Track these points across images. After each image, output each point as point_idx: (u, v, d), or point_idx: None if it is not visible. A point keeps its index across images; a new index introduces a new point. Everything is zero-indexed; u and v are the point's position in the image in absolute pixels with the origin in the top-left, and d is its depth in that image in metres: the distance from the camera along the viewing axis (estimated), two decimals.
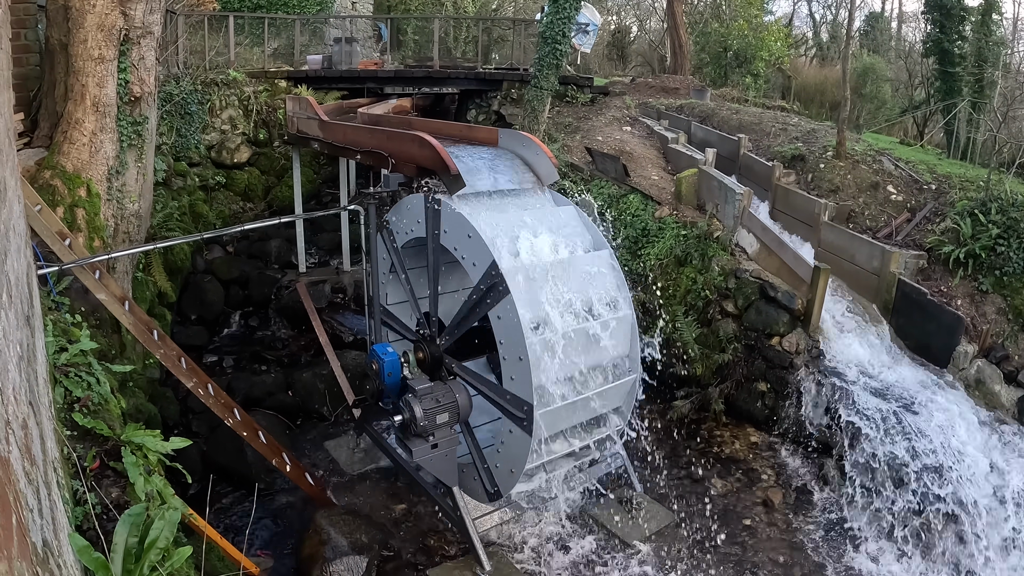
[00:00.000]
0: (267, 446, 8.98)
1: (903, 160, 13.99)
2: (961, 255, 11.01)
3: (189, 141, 16.26)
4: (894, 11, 42.32)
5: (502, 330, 7.90)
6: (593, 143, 16.32)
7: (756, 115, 17.53)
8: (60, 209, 9.46)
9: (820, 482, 10.13)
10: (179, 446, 5.76)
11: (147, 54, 10.51)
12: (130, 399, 8.82)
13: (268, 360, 13.40)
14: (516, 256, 8.11)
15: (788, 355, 10.83)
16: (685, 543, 9.04)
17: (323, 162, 19.32)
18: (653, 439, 10.83)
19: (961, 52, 19.11)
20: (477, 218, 8.19)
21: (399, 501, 9.71)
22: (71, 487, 4.73)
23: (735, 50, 26.54)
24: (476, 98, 21.59)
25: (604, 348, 8.40)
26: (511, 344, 7.80)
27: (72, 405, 5.93)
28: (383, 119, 13.60)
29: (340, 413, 11.63)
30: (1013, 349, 10.29)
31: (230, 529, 8.94)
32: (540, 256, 8.23)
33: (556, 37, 16.89)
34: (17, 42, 10.62)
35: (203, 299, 14.39)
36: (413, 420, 7.90)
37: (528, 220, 8.61)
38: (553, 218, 8.91)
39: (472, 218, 8.14)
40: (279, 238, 16.66)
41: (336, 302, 15.02)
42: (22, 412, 3.08)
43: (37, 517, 2.81)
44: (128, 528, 4.12)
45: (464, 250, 8.26)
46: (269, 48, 20.59)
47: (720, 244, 12.26)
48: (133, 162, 10.77)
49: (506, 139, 9.87)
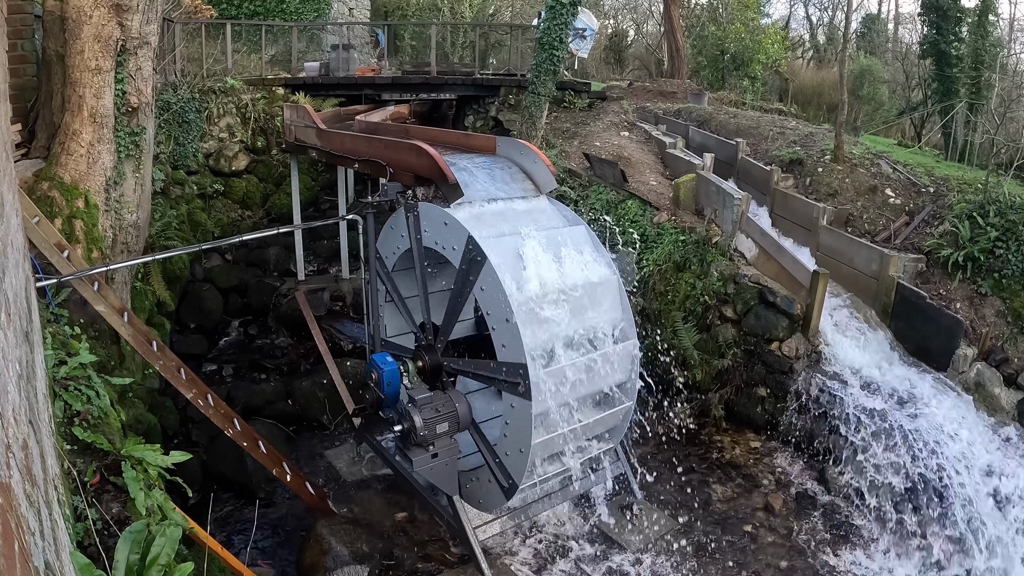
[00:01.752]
0: (267, 456, 8.96)
1: (901, 163, 14.01)
2: (960, 258, 11.02)
3: (187, 149, 16.26)
4: (890, 13, 42.46)
5: (487, 300, 7.92)
6: (591, 149, 16.33)
7: (754, 119, 17.55)
8: (58, 220, 9.45)
9: (821, 487, 10.12)
10: (179, 460, 5.75)
11: (144, 64, 10.50)
12: (130, 410, 8.81)
13: (267, 369, 13.37)
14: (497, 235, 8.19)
15: (788, 360, 10.83)
16: (686, 549, 9.03)
17: (321, 169, 19.34)
18: (653, 445, 10.83)
19: (958, 53, 19.16)
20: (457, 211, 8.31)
21: (400, 509, 9.69)
22: (71, 503, 4.72)
23: (732, 53, 26.60)
24: (474, 104, 21.60)
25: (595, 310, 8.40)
26: (497, 309, 7.80)
27: (72, 419, 5.92)
28: (380, 127, 13.62)
29: (340, 422, 11.61)
30: (1013, 352, 10.29)
31: (231, 539, 8.94)
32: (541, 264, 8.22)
33: (553, 43, 16.89)
34: (14, 53, 10.62)
35: (202, 308, 14.38)
36: (413, 430, 7.89)
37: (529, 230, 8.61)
38: (545, 221, 8.93)
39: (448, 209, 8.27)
40: (278, 246, 16.66)
41: (335, 310, 15.01)
42: (22, 433, 3.08)
43: (39, 540, 2.80)
44: (129, 545, 4.10)
45: (443, 240, 8.36)
46: (266, 55, 20.59)
47: (719, 249, 12.27)
48: (131, 172, 10.76)
49: (504, 147, 9.88)
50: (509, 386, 7.88)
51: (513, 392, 7.85)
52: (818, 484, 10.19)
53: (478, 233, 7.99)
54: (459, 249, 8.10)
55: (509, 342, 7.75)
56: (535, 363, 7.69)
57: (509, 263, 7.91)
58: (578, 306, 8.24)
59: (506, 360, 7.84)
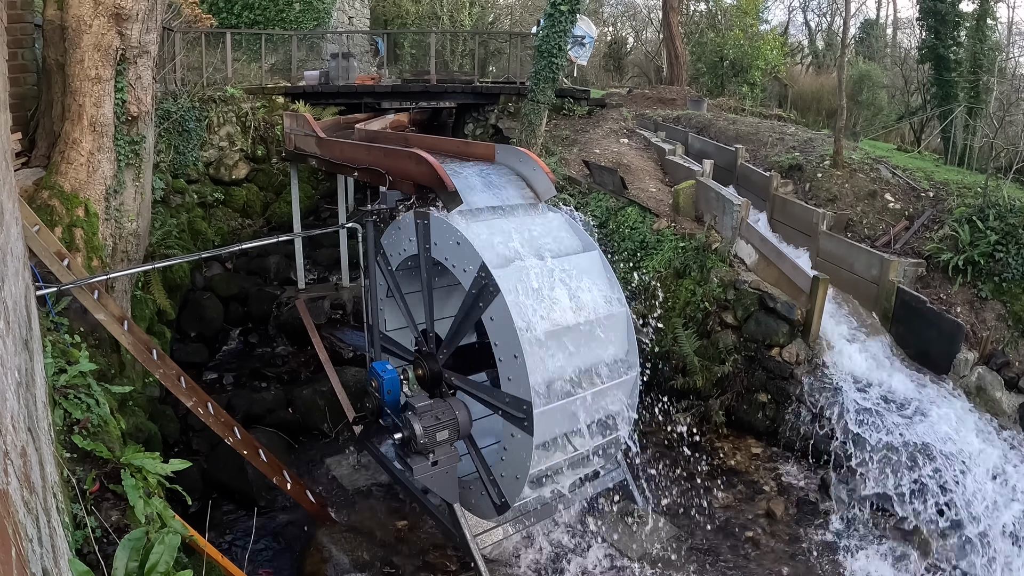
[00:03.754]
0: (268, 464, 8.95)
1: (900, 168, 14.03)
2: (960, 262, 11.02)
3: (187, 158, 16.30)
4: (889, 18, 42.54)
5: (496, 331, 7.85)
6: (591, 156, 16.36)
7: (753, 125, 17.58)
8: (58, 229, 9.46)
9: (822, 492, 10.10)
10: (179, 468, 5.74)
11: (144, 73, 10.53)
12: (130, 418, 8.81)
13: (268, 377, 13.36)
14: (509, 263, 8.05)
15: (788, 365, 10.83)
16: (688, 556, 9.00)
17: (321, 177, 19.36)
18: (654, 452, 10.82)
19: (956, 57, 19.21)
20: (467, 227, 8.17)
21: (400, 517, 9.67)
22: (71, 510, 4.72)
23: (731, 60, 26.69)
24: (473, 112, 21.65)
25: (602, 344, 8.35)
26: (505, 343, 7.74)
27: (72, 427, 5.92)
28: (380, 135, 13.64)
29: (340, 430, 11.60)
30: (1013, 355, 10.28)
31: (231, 547, 8.92)
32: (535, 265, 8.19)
33: (552, 51, 16.94)
34: (14, 62, 10.65)
35: (202, 316, 14.39)
36: (413, 437, 7.88)
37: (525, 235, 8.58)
38: (543, 227, 8.91)
39: (461, 226, 8.13)
40: (278, 254, 16.68)
41: (335, 318, 15.00)
42: (20, 440, 3.08)
43: (37, 547, 2.80)
44: (128, 553, 4.10)
45: (454, 258, 8.25)
46: (266, 64, 20.65)
47: (719, 255, 12.28)
48: (131, 181, 10.78)
49: (503, 155, 9.88)
50: (512, 418, 7.89)
51: (514, 423, 7.87)
52: (820, 490, 10.16)
53: (491, 258, 7.88)
54: (470, 272, 7.98)
55: (515, 377, 7.72)
56: (540, 399, 7.68)
57: (522, 298, 7.81)
58: (588, 341, 8.22)
59: (511, 393, 7.83)
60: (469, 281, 8.03)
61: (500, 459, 8.25)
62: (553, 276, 8.19)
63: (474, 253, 7.90)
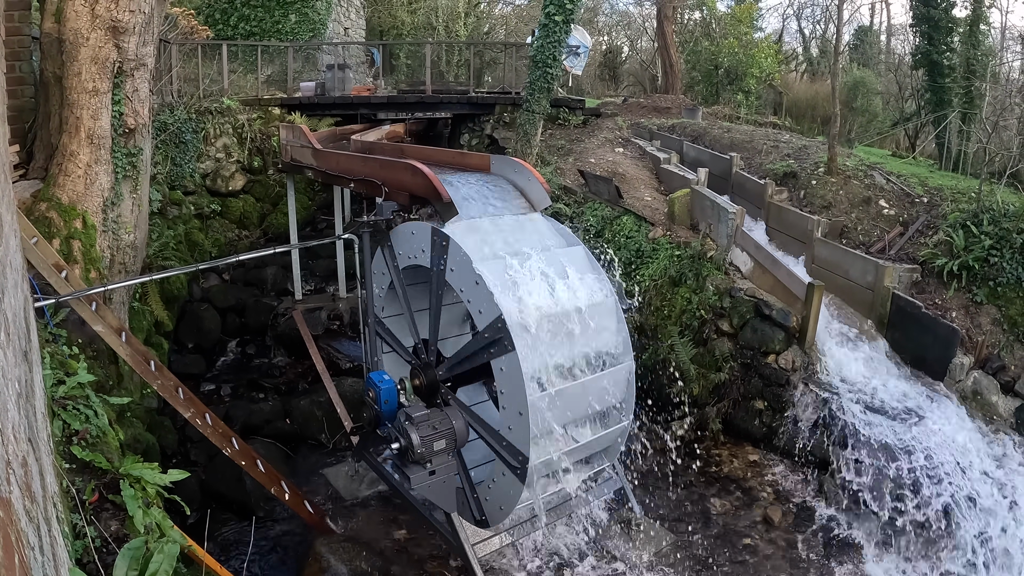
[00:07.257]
0: (266, 474, 8.96)
1: (895, 174, 14.10)
2: (955, 267, 11.07)
3: (184, 170, 16.35)
4: (883, 24, 42.74)
5: (504, 381, 7.80)
6: (586, 165, 16.42)
7: (748, 133, 17.66)
8: (56, 241, 9.49)
9: (820, 498, 10.12)
10: (177, 478, 5.76)
11: (141, 86, 10.58)
12: (128, 429, 8.82)
13: (265, 388, 13.37)
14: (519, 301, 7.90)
15: (784, 372, 10.86)
16: (686, 564, 9.02)
17: (318, 188, 19.42)
18: (651, 460, 10.83)
19: (950, 63, 19.29)
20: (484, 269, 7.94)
21: (399, 527, 9.67)
22: (70, 521, 4.73)
23: (726, 68, 26.78)
24: (469, 122, 21.72)
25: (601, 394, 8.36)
26: (512, 397, 7.70)
27: (71, 438, 5.94)
28: (376, 146, 13.70)
29: (338, 440, 11.61)
30: (1009, 359, 10.32)
31: (230, 558, 8.91)
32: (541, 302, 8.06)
33: (547, 61, 17.02)
34: (12, 74, 10.70)
35: (200, 327, 14.41)
36: (410, 447, 7.89)
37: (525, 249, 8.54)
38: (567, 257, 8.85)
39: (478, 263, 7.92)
40: (275, 265, 16.71)
41: (333, 329, 15.03)
42: (21, 450, 3.10)
43: (38, 555, 2.82)
44: (127, 562, 4.12)
45: (470, 294, 8.05)
46: (262, 75, 20.72)
47: (714, 263, 12.32)
48: (128, 193, 10.80)
49: (498, 165, 9.92)
50: (506, 461, 7.90)
51: (507, 466, 7.88)
52: (817, 497, 10.18)
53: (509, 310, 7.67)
54: (484, 315, 7.81)
55: (516, 427, 7.70)
56: (538, 450, 7.67)
57: (535, 360, 7.72)
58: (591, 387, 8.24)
59: (509, 440, 7.83)
60: (483, 324, 7.88)
61: (488, 487, 8.27)
62: (569, 336, 8.08)
63: (492, 303, 7.69)
